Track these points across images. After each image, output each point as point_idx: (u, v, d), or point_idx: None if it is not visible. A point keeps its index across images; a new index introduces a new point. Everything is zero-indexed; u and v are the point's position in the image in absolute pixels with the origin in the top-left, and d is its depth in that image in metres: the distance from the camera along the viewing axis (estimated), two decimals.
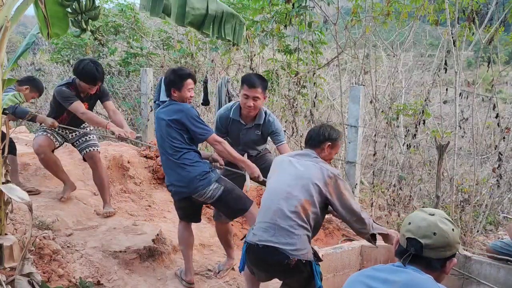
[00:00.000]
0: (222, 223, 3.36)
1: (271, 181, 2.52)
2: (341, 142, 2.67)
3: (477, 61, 4.67)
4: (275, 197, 2.37)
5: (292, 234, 2.27)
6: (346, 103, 5.20)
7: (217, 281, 3.34)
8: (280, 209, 2.31)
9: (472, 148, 4.56)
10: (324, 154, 2.54)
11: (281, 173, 2.48)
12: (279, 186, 2.40)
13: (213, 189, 2.94)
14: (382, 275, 1.49)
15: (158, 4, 2.60)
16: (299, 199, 2.31)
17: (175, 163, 2.96)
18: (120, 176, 4.79)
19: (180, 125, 2.95)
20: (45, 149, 3.72)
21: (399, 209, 4.95)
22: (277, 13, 5.20)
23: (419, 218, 1.53)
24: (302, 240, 2.29)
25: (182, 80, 3.05)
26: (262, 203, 2.48)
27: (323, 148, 2.53)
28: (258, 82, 3.09)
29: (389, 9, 4.57)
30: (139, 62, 7.75)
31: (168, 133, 2.97)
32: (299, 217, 2.29)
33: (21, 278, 2.33)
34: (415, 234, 1.50)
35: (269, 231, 2.30)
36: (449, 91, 5.10)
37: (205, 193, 2.94)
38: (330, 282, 3.07)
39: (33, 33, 2.83)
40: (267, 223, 2.33)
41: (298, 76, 5.43)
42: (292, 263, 2.26)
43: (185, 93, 3.07)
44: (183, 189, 2.97)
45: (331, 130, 2.58)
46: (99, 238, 3.49)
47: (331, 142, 2.55)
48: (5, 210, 2.47)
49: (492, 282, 2.72)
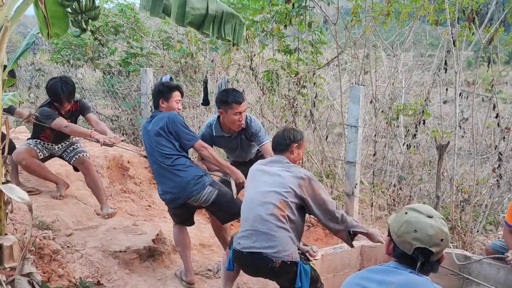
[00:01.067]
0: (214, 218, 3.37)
1: (247, 190, 2.60)
2: (305, 142, 2.79)
3: (477, 61, 4.67)
4: (252, 205, 2.46)
5: (272, 237, 2.34)
6: (346, 103, 5.20)
7: (217, 281, 3.34)
8: (258, 215, 2.39)
9: (472, 148, 4.56)
10: (294, 156, 2.66)
11: (256, 182, 2.56)
12: (255, 194, 2.48)
13: (208, 193, 2.96)
14: (377, 276, 1.49)
15: (158, 4, 2.59)
16: (274, 203, 2.38)
17: (167, 170, 2.96)
18: (120, 176, 4.79)
19: (169, 132, 2.96)
20: (24, 155, 3.76)
21: (399, 209, 4.95)
22: (277, 13, 5.20)
23: (424, 224, 1.50)
24: (284, 242, 2.35)
25: (170, 91, 3.13)
26: (241, 213, 2.56)
27: (292, 150, 2.65)
28: (241, 96, 3.16)
29: (389, 9, 4.57)
30: (139, 62, 7.75)
31: (158, 142, 2.97)
32: (277, 219, 2.36)
33: (21, 278, 2.33)
34: (426, 244, 1.47)
35: (251, 238, 2.39)
36: (449, 91, 5.10)
37: (200, 197, 2.95)
38: (330, 282, 3.07)
39: (33, 33, 2.83)
40: (248, 230, 2.43)
41: (298, 76, 5.43)
42: (276, 266, 2.33)
43: (172, 104, 3.13)
44: (178, 195, 2.97)
45: (295, 132, 2.71)
46: (99, 238, 3.49)
47: (297, 143, 2.67)
48: (5, 210, 2.47)
49: (492, 282, 2.72)
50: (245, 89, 6.42)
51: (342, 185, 4.97)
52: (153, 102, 3.23)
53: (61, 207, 3.80)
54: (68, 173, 4.14)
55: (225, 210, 3.05)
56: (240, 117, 3.13)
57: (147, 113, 6.54)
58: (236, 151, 3.37)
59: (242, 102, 3.12)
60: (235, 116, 3.12)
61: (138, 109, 7.13)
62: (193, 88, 6.77)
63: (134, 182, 4.79)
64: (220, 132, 3.27)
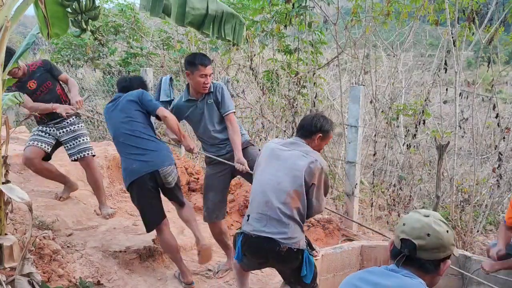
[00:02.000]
0: (214, 223, 3.37)
1: (260, 170, 2.55)
2: (332, 134, 2.65)
3: (477, 61, 4.67)
4: (266, 188, 2.44)
5: (282, 223, 2.36)
6: (346, 103, 5.20)
7: (217, 281, 3.34)
8: (270, 201, 2.39)
9: (472, 148, 4.56)
10: (314, 145, 2.56)
11: (271, 163, 2.51)
12: (269, 177, 2.46)
13: (175, 173, 3.12)
14: (373, 278, 1.50)
15: (158, 4, 2.59)
16: (288, 191, 2.38)
17: (144, 138, 3.07)
18: (120, 176, 4.78)
19: (141, 102, 3.13)
20: (32, 161, 3.70)
21: (399, 209, 4.96)
22: (277, 13, 5.20)
23: (413, 219, 1.54)
24: (293, 229, 2.37)
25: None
26: (252, 193, 2.53)
27: (314, 139, 2.55)
28: (208, 59, 3.18)
29: (389, 9, 4.57)
30: (139, 62, 7.76)
31: (132, 113, 3.12)
32: (288, 208, 2.37)
33: (21, 278, 2.33)
34: (409, 235, 1.50)
35: (262, 222, 2.39)
36: (449, 91, 5.10)
37: (169, 171, 3.06)
38: (330, 282, 3.07)
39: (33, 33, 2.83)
40: (259, 214, 2.42)
41: (298, 76, 5.43)
42: (283, 250, 2.34)
43: None
44: (154, 162, 3.02)
45: (324, 121, 2.57)
46: (99, 238, 3.49)
47: (323, 133, 2.55)
48: (5, 210, 2.47)
49: (492, 282, 2.72)
50: (245, 89, 6.42)
51: (342, 185, 4.97)
52: (121, 88, 3.41)
53: (61, 207, 3.79)
54: (69, 173, 4.14)
55: (179, 193, 3.23)
56: (206, 80, 3.13)
57: None
58: (202, 118, 3.27)
59: (207, 64, 3.12)
60: (201, 78, 3.11)
61: None
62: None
63: None
64: (187, 96, 3.28)
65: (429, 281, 1.48)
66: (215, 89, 3.24)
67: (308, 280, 2.42)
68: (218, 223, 3.37)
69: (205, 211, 3.36)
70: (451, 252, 1.52)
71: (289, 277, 2.50)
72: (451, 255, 1.53)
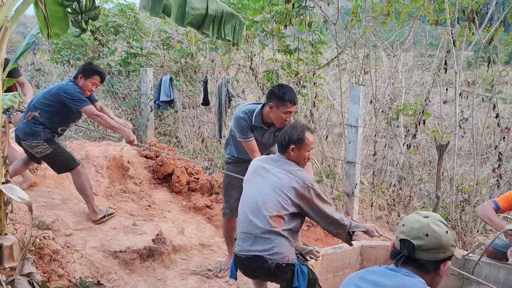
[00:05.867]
0: (232, 219, 3.35)
1: (246, 187, 2.55)
2: (309, 139, 2.50)
3: (477, 61, 4.67)
4: (249, 208, 2.43)
5: (268, 240, 2.34)
6: (346, 103, 5.20)
7: (217, 281, 3.34)
8: (254, 221, 2.38)
9: (472, 148, 4.56)
10: (293, 158, 2.50)
11: (256, 182, 2.49)
12: (253, 195, 2.44)
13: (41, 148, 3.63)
14: (373, 277, 1.50)
15: (158, 4, 2.59)
16: (273, 212, 2.35)
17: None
18: (120, 176, 4.79)
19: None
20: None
21: (399, 209, 4.95)
22: (277, 13, 5.20)
23: (412, 220, 1.55)
24: (280, 245, 2.35)
25: (94, 73, 3.65)
26: (239, 211, 2.54)
27: (289, 152, 2.50)
28: (296, 96, 3.08)
29: (389, 9, 4.57)
30: (139, 62, 7.75)
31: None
32: (272, 225, 2.34)
33: (21, 278, 2.33)
34: (408, 235, 1.51)
35: (248, 241, 2.40)
36: (449, 91, 5.10)
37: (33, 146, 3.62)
38: (330, 282, 3.07)
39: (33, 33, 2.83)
40: (244, 233, 2.43)
41: (298, 76, 5.43)
42: (272, 266, 2.34)
43: (88, 84, 3.65)
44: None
45: (292, 132, 2.49)
46: (99, 238, 3.49)
47: (294, 144, 2.47)
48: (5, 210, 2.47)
49: (492, 282, 2.72)
50: (245, 89, 6.42)
51: (342, 185, 4.97)
52: (75, 74, 3.71)
53: (61, 207, 3.80)
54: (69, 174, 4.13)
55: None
56: (288, 117, 3.06)
57: (147, 113, 6.54)
58: (263, 143, 3.26)
59: (296, 103, 3.06)
60: (285, 114, 3.03)
61: (138, 109, 7.13)
62: (193, 88, 6.78)
63: (134, 182, 4.79)
64: (260, 123, 3.18)
65: (429, 282, 1.48)
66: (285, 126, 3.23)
67: None
68: (235, 219, 3.37)
69: (227, 208, 3.38)
70: (451, 253, 1.51)
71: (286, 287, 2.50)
72: (452, 256, 1.53)
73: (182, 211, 4.61)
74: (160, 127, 7.49)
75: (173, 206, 4.65)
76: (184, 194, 4.90)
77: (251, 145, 3.14)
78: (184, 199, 4.86)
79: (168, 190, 4.92)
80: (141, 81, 6.72)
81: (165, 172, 4.97)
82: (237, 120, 3.18)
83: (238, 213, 2.54)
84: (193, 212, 4.61)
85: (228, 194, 3.37)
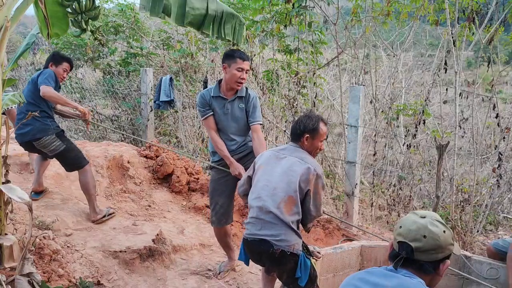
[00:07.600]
0: (217, 228, 3.35)
1: (257, 176, 2.57)
2: (323, 129, 2.57)
3: (477, 61, 4.68)
4: (261, 194, 2.47)
5: (276, 226, 2.39)
6: (346, 103, 5.20)
7: (217, 281, 3.34)
8: (264, 206, 2.42)
9: (472, 148, 4.56)
10: (306, 147, 2.57)
11: (268, 169, 2.54)
12: (265, 183, 2.49)
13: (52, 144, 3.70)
14: (373, 278, 1.50)
15: (158, 4, 2.59)
16: (283, 196, 2.41)
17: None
18: (120, 176, 4.79)
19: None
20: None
21: (399, 209, 4.96)
22: (277, 13, 5.20)
23: (409, 221, 1.54)
24: (287, 233, 2.40)
25: (63, 60, 3.81)
26: (249, 198, 2.57)
27: (303, 141, 2.56)
28: (247, 56, 3.15)
29: (389, 9, 4.58)
30: (139, 62, 7.75)
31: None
32: (282, 213, 2.39)
33: (21, 278, 2.33)
34: (406, 238, 1.50)
35: (257, 226, 2.45)
36: (449, 91, 5.10)
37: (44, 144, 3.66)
38: (330, 282, 3.08)
39: (33, 33, 2.84)
40: (254, 218, 2.47)
41: (298, 76, 5.43)
42: (277, 252, 2.38)
43: (59, 70, 3.77)
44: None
45: (307, 121, 2.56)
46: (99, 238, 3.49)
47: (309, 133, 2.54)
48: (5, 210, 2.48)
49: (492, 282, 2.72)
50: None
51: (342, 185, 4.97)
52: (44, 64, 3.85)
53: (61, 207, 3.80)
54: (69, 173, 4.14)
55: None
56: (242, 74, 3.08)
57: (147, 113, 6.55)
58: (228, 117, 3.20)
59: (246, 59, 3.11)
60: (238, 72, 3.07)
61: (138, 109, 7.13)
62: (193, 88, 6.77)
63: (134, 182, 4.79)
64: (218, 92, 3.20)
65: (428, 282, 1.48)
66: (249, 97, 3.21)
67: (303, 282, 2.43)
68: (224, 227, 3.36)
69: (213, 216, 3.31)
70: (450, 252, 1.51)
71: (285, 279, 2.51)
72: (450, 255, 1.52)
73: (182, 211, 4.61)
74: (160, 127, 7.48)
75: (173, 206, 4.65)
76: (184, 194, 4.90)
77: (208, 122, 3.20)
78: (184, 199, 4.86)
79: (168, 190, 4.91)
80: (141, 81, 6.72)
81: (165, 172, 4.97)
82: (198, 99, 3.27)
83: (250, 201, 2.54)
84: (193, 212, 4.61)
85: (213, 201, 3.31)
